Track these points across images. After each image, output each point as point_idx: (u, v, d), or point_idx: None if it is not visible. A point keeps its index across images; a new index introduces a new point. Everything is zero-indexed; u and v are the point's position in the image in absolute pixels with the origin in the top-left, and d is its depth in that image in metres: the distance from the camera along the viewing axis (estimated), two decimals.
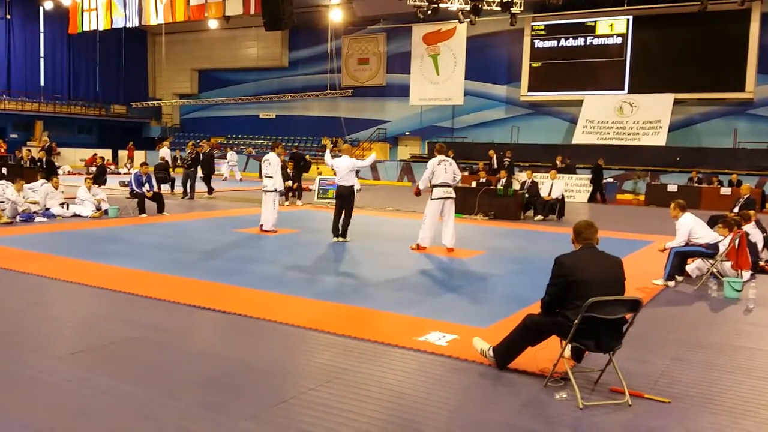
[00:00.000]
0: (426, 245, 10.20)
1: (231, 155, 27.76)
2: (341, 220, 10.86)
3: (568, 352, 4.52)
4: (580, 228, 4.64)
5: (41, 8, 34.62)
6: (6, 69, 34.31)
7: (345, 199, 10.82)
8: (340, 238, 10.84)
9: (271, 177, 11.69)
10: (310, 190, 19.29)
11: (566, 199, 16.89)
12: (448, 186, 10.08)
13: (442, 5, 22.95)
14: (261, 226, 11.81)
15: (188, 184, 18.13)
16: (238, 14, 22.78)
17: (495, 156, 23.28)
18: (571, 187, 21.84)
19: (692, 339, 5.81)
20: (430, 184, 10.17)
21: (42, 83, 36.27)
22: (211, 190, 19.04)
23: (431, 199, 10.18)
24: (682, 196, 13.36)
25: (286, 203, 17.15)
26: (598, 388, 4.42)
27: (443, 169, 10.05)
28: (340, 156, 11.18)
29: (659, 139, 25.78)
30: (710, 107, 26.87)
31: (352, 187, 10.88)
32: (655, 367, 4.90)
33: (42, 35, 36.04)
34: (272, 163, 11.75)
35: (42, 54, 36.22)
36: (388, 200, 19.05)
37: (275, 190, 11.77)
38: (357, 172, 14.14)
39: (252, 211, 15.47)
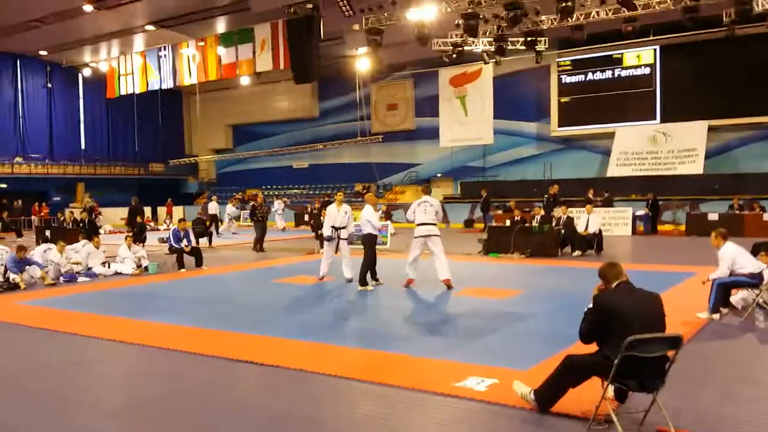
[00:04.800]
0: (412, 277, 10.80)
1: (278, 204, 27.98)
2: (361, 266, 10.90)
3: (610, 393, 4.42)
4: (604, 271, 4.66)
5: (80, 75, 36.10)
6: (48, 135, 35.67)
7: (365, 245, 11.08)
8: (360, 288, 10.77)
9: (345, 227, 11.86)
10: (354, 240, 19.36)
11: (604, 233, 16.63)
12: (429, 224, 10.59)
13: (466, 48, 23.21)
14: (350, 279, 11.65)
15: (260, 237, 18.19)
16: (269, 70, 23.36)
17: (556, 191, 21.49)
18: (608, 221, 21.52)
19: (741, 373, 5.61)
20: (414, 224, 10.77)
21: (83, 146, 37.55)
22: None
23: (413, 237, 10.73)
24: (724, 225, 13.10)
25: (321, 251, 17.22)
26: (643, 429, 4.28)
27: (423, 210, 10.65)
28: (365, 205, 11.38)
29: (696, 167, 25.37)
30: (747, 132, 26.40)
31: (369, 234, 11.02)
32: (703, 405, 4.74)
33: (81, 101, 37.48)
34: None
35: (82, 119, 37.61)
36: None
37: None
38: (390, 216, 13.87)
39: (288, 261, 15.60)
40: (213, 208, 24.10)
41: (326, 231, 11.83)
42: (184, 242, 14.20)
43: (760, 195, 22.22)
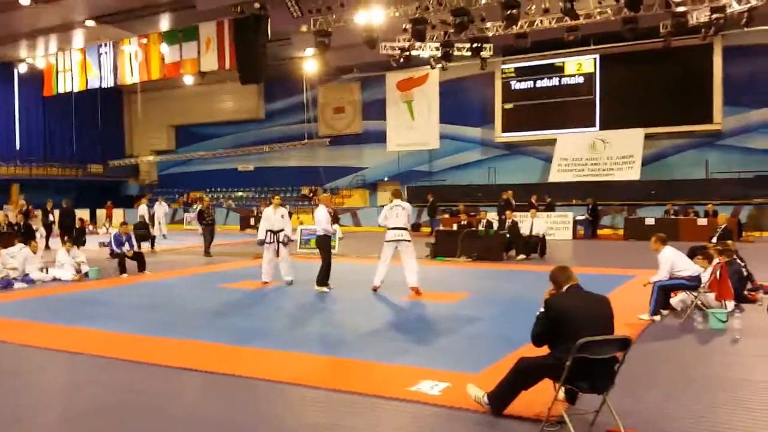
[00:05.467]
0: (376, 284, 10.56)
1: (160, 207, 25.97)
2: (321, 268, 10.94)
3: (562, 395, 4.51)
4: (556, 274, 4.75)
5: (15, 71, 34.67)
6: None
7: (320, 249, 11.06)
8: (318, 288, 10.82)
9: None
10: (292, 241, 19.21)
11: (547, 237, 17.00)
12: (400, 229, 10.41)
13: (413, 53, 23.38)
14: (290, 282, 11.75)
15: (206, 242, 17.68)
16: (214, 70, 22.98)
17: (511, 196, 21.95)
18: (551, 225, 22.01)
19: (683, 373, 5.81)
20: (386, 227, 10.59)
21: (17, 146, 36.08)
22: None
23: (384, 241, 10.54)
24: (660, 229, 13.48)
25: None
26: (594, 429, 4.38)
27: (395, 214, 10.46)
28: (318, 206, 11.33)
29: (633, 173, 26.20)
30: (681, 140, 27.44)
31: (324, 236, 10.99)
32: (649, 405, 4.89)
33: (16, 98, 36.02)
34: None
35: (17, 117, 36.14)
36: (370, 247, 19.03)
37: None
38: (337, 220, 13.93)
39: (235, 265, 15.37)
40: (143, 210, 23.05)
41: (260, 235, 11.89)
42: (126, 247, 13.81)
43: (693, 200, 23.11)
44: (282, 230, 11.89)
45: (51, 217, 21.54)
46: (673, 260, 8.23)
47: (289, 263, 11.91)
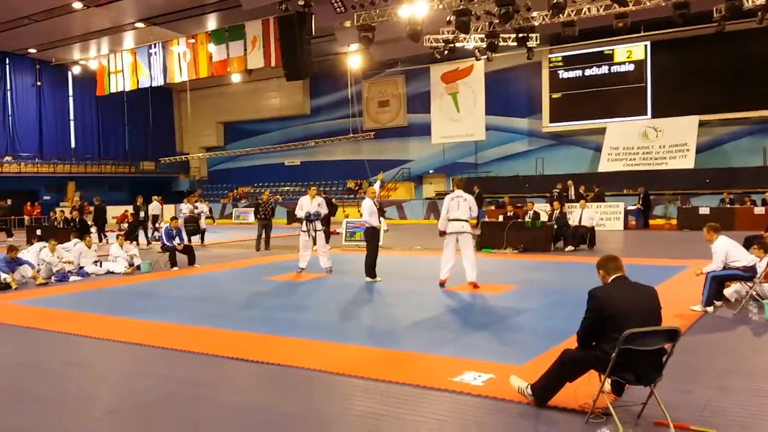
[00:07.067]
0: (443, 278, 10.33)
1: (185, 207, 25.95)
2: (366, 258, 11.21)
3: (608, 387, 4.42)
4: (605, 262, 4.63)
5: (69, 73, 35.86)
6: (38, 133, 35.44)
7: (366, 239, 11.29)
8: (367, 279, 11.09)
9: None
10: (338, 233, 19.36)
11: (597, 228, 16.66)
12: (461, 221, 10.17)
13: (458, 44, 23.18)
14: (328, 269, 12.25)
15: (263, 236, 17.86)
16: (260, 67, 23.29)
17: (572, 186, 22.88)
18: (600, 216, 21.60)
19: (736, 365, 5.63)
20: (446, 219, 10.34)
21: (73, 145, 37.34)
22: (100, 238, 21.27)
23: (446, 233, 10.31)
24: (715, 218, 13.14)
25: (314, 248, 17.18)
26: (641, 422, 4.29)
27: (456, 205, 10.24)
28: (364, 198, 11.54)
29: (687, 162, 25.48)
30: (737, 127, 26.54)
31: (371, 227, 11.19)
32: (699, 397, 4.75)
33: (71, 99, 37.25)
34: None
35: (72, 117, 37.38)
36: (415, 239, 19.02)
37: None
38: (383, 213, 14.13)
39: (280, 258, 15.56)
40: (154, 208, 23.07)
41: (300, 214, 12.41)
42: (177, 240, 14.14)
43: (750, 189, 22.34)
44: (318, 215, 12.41)
45: (142, 213, 21.65)
46: (727, 250, 7.97)
47: (326, 251, 12.38)
